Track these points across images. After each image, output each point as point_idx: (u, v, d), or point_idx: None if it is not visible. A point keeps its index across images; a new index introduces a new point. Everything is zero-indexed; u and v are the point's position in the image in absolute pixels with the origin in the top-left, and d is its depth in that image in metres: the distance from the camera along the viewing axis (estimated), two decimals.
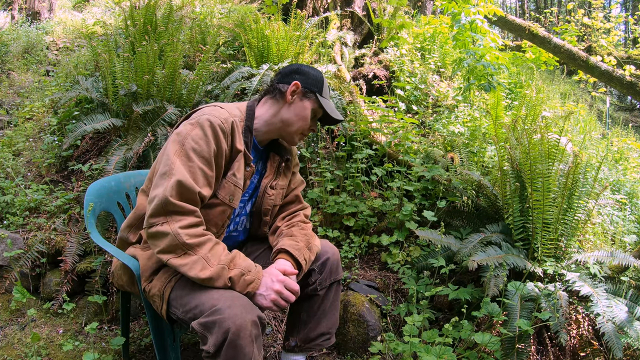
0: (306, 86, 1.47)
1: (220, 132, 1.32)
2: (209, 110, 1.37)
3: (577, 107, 4.70)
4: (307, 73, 1.49)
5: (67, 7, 6.91)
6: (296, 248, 1.42)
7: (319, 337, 1.50)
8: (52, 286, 2.17)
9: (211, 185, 1.32)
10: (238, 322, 1.11)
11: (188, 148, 1.28)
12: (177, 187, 1.23)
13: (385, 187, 2.70)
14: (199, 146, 1.28)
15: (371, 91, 3.75)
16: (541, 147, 1.97)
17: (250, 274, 1.27)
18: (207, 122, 1.31)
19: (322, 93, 1.49)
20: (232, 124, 1.36)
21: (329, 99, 1.53)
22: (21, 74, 4.60)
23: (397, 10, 4.19)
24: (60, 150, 2.76)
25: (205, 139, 1.29)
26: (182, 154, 1.27)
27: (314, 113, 1.50)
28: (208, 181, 1.31)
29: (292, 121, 1.47)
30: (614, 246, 2.35)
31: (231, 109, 1.42)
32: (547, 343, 1.77)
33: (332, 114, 1.49)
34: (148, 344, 1.90)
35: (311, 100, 1.48)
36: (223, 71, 3.34)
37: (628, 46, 13.80)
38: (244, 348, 1.11)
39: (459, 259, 1.88)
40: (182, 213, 1.23)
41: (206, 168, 1.29)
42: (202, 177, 1.28)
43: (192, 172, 1.26)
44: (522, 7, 20.39)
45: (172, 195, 1.22)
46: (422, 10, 5.77)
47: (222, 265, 1.23)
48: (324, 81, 1.51)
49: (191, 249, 1.22)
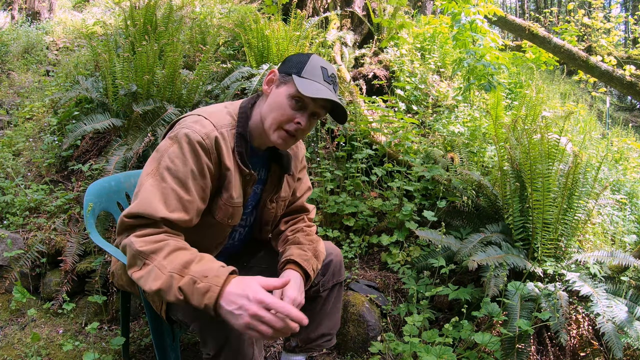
0: (283, 71, 1.25)
1: (201, 150, 1.15)
2: (191, 122, 1.19)
3: (577, 107, 4.71)
4: (290, 59, 1.28)
5: (67, 7, 6.91)
6: (305, 258, 1.31)
7: (319, 338, 1.49)
8: (52, 286, 2.16)
9: (187, 210, 1.14)
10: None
11: (163, 167, 1.13)
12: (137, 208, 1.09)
13: (385, 187, 2.70)
14: (174, 165, 1.13)
15: (371, 91, 3.75)
16: (541, 147, 1.97)
17: (206, 280, 0.99)
18: (185, 138, 1.15)
19: (302, 73, 1.22)
20: (215, 140, 1.17)
21: (317, 80, 1.23)
22: (21, 74, 4.60)
23: (397, 10, 4.19)
24: (60, 150, 2.76)
25: (182, 158, 1.14)
26: (156, 174, 1.13)
27: (292, 99, 1.22)
28: (182, 205, 1.13)
29: (267, 114, 1.25)
30: (614, 246, 2.35)
31: (219, 118, 1.23)
32: (547, 343, 1.77)
33: (309, 92, 1.17)
34: (148, 344, 1.90)
35: (288, 84, 1.23)
36: (223, 71, 3.34)
37: (628, 46, 13.80)
38: (244, 350, 1.11)
39: (459, 259, 1.88)
40: (138, 226, 1.10)
41: (180, 190, 1.13)
42: (175, 200, 1.11)
43: (163, 193, 1.11)
44: (522, 7, 20.40)
45: (126, 215, 1.09)
46: (422, 10, 5.77)
47: (171, 273, 1.01)
48: (310, 61, 1.24)
49: (147, 257, 1.04)
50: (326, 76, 1.24)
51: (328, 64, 1.28)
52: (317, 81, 1.22)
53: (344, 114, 1.28)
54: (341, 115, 1.29)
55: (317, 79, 1.22)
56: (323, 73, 1.24)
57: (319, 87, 1.21)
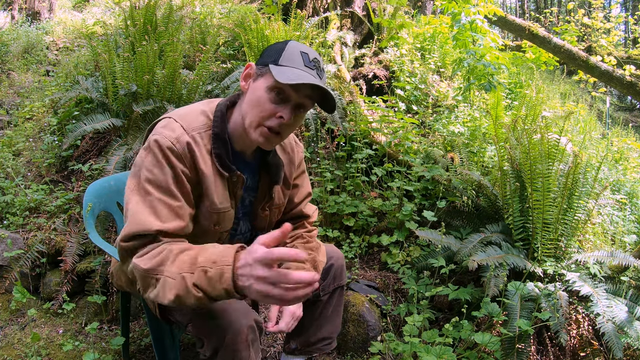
0: (259, 62, 1.14)
1: (172, 156, 1.09)
2: (160, 127, 1.13)
3: (577, 107, 4.71)
4: (267, 48, 1.16)
5: (67, 7, 6.91)
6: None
7: (320, 341, 1.48)
8: (52, 286, 2.16)
9: (181, 216, 1.09)
10: (234, 327, 1.08)
11: (143, 180, 1.08)
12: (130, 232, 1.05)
13: (385, 187, 2.70)
14: (154, 175, 1.08)
15: (371, 91, 3.75)
16: (541, 147, 1.97)
17: (215, 266, 0.92)
18: (156, 144, 1.09)
19: (280, 61, 1.10)
20: (187, 145, 1.10)
21: (296, 66, 1.10)
22: (21, 74, 4.60)
23: (397, 10, 4.19)
24: (60, 150, 2.76)
25: (158, 165, 1.08)
26: (139, 189, 1.09)
27: (272, 92, 1.10)
28: (174, 213, 1.08)
29: (245, 112, 1.14)
30: (614, 246, 2.35)
31: (191, 120, 1.15)
32: (547, 343, 1.77)
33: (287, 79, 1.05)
34: (148, 344, 1.90)
35: (265, 76, 1.11)
36: (223, 71, 3.34)
37: (628, 46, 13.80)
38: (240, 352, 1.09)
39: (459, 259, 1.88)
40: (138, 247, 1.06)
41: (167, 199, 1.07)
42: (165, 209, 1.07)
43: (151, 205, 1.06)
44: (522, 7, 20.40)
45: (122, 239, 1.06)
46: (422, 10, 5.77)
47: (181, 274, 0.95)
48: (287, 47, 1.12)
49: (156, 272, 1.00)
50: (307, 61, 1.12)
51: (309, 48, 1.15)
52: (297, 67, 1.10)
53: (331, 102, 1.15)
54: (329, 103, 1.16)
55: (296, 65, 1.10)
56: (303, 58, 1.11)
57: (300, 73, 1.08)
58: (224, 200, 1.20)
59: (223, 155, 1.16)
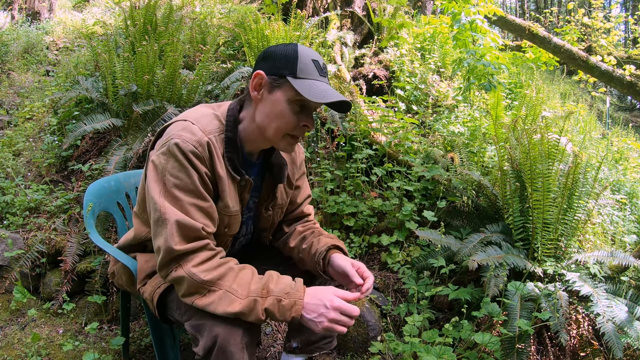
0: (272, 72, 1.16)
1: (195, 159, 1.12)
2: (178, 130, 1.14)
3: (577, 107, 4.71)
4: (274, 55, 1.16)
5: (67, 7, 6.92)
6: (342, 244, 1.38)
7: (320, 340, 1.47)
8: (52, 286, 2.16)
9: (212, 217, 1.16)
10: (228, 328, 1.08)
11: (170, 186, 1.11)
12: (177, 231, 1.09)
13: (385, 187, 2.70)
14: (181, 180, 1.11)
15: (371, 91, 3.75)
16: (541, 147, 1.97)
17: (289, 297, 1.10)
18: (177, 149, 1.10)
19: (297, 73, 1.13)
20: (207, 146, 1.14)
21: (314, 77, 1.15)
22: (21, 74, 4.60)
23: (397, 10, 4.19)
24: (60, 150, 2.76)
25: (184, 170, 1.11)
26: (167, 195, 1.11)
27: (293, 103, 1.15)
28: (206, 213, 1.14)
29: (266, 124, 1.18)
30: (614, 246, 2.35)
31: (206, 123, 1.18)
32: (547, 343, 1.77)
33: (316, 98, 1.10)
34: (148, 344, 1.90)
35: (283, 88, 1.15)
36: (223, 71, 3.34)
37: (628, 46, 13.81)
38: (234, 354, 1.08)
39: (459, 259, 1.88)
40: (191, 253, 1.11)
41: (198, 201, 1.13)
42: (198, 212, 1.12)
43: (185, 210, 1.11)
44: (522, 7, 20.41)
45: (175, 243, 1.09)
46: (422, 10, 5.77)
47: (252, 297, 1.08)
48: (299, 56, 1.14)
49: (213, 285, 1.09)
50: (320, 70, 1.16)
51: (315, 53, 1.19)
52: (316, 79, 1.15)
53: (347, 106, 1.20)
54: (345, 107, 1.20)
55: (314, 77, 1.15)
56: (317, 67, 1.16)
57: (322, 87, 1.14)
58: (235, 203, 1.24)
59: (235, 159, 1.20)
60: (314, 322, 1.10)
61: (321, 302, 1.11)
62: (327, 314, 1.10)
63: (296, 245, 1.44)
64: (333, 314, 1.10)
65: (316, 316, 1.10)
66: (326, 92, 1.13)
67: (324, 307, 1.11)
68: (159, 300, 1.27)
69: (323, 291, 1.14)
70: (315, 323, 1.10)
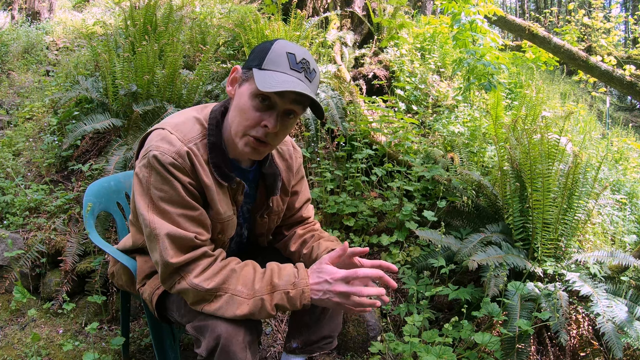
0: (245, 66, 1.09)
1: (176, 170, 1.07)
2: (156, 140, 1.09)
3: (577, 107, 4.71)
4: (254, 49, 1.10)
5: (67, 7, 6.91)
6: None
7: (321, 340, 1.47)
8: (52, 286, 2.16)
9: (204, 224, 1.13)
10: (230, 328, 1.08)
11: (156, 199, 1.08)
12: (170, 244, 1.07)
13: (385, 187, 2.70)
14: (165, 193, 1.08)
15: (371, 91, 3.75)
16: (541, 147, 1.97)
17: (295, 287, 1.08)
18: (156, 161, 1.06)
19: (264, 64, 1.04)
20: (187, 155, 1.08)
21: (281, 69, 1.04)
22: (21, 74, 4.60)
23: (397, 10, 4.19)
24: (60, 150, 2.76)
25: (167, 182, 1.07)
26: (155, 209, 1.09)
27: (255, 98, 1.06)
28: (197, 221, 1.11)
29: (231, 121, 1.12)
30: (614, 246, 2.35)
31: (187, 129, 1.12)
32: (547, 343, 1.77)
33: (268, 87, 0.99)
34: (148, 344, 1.90)
35: (249, 81, 1.07)
36: (223, 71, 3.34)
37: (628, 46, 13.81)
38: (236, 354, 1.08)
39: (459, 259, 1.88)
40: (190, 263, 1.09)
41: (186, 211, 1.09)
42: (187, 221, 1.09)
43: (175, 222, 1.08)
44: (522, 7, 20.41)
45: (171, 257, 1.06)
46: (422, 10, 5.78)
47: (259, 296, 1.07)
48: (272, 48, 1.05)
49: (218, 290, 1.08)
50: (293, 63, 1.05)
51: (298, 48, 1.08)
52: (282, 71, 1.04)
53: (319, 108, 1.09)
54: (318, 109, 1.09)
55: (281, 69, 1.04)
56: (290, 60, 1.05)
57: (284, 78, 1.02)
58: (227, 209, 1.21)
59: (221, 165, 1.14)
60: (323, 301, 1.09)
61: (322, 280, 1.08)
62: (333, 289, 1.07)
63: (297, 249, 1.43)
64: (338, 287, 1.06)
65: (322, 294, 1.08)
66: (282, 82, 1.01)
67: (326, 283, 1.08)
68: (158, 301, 1.27)
69: (319, 267, 1.11)
70: (325, 301, 1.09)
